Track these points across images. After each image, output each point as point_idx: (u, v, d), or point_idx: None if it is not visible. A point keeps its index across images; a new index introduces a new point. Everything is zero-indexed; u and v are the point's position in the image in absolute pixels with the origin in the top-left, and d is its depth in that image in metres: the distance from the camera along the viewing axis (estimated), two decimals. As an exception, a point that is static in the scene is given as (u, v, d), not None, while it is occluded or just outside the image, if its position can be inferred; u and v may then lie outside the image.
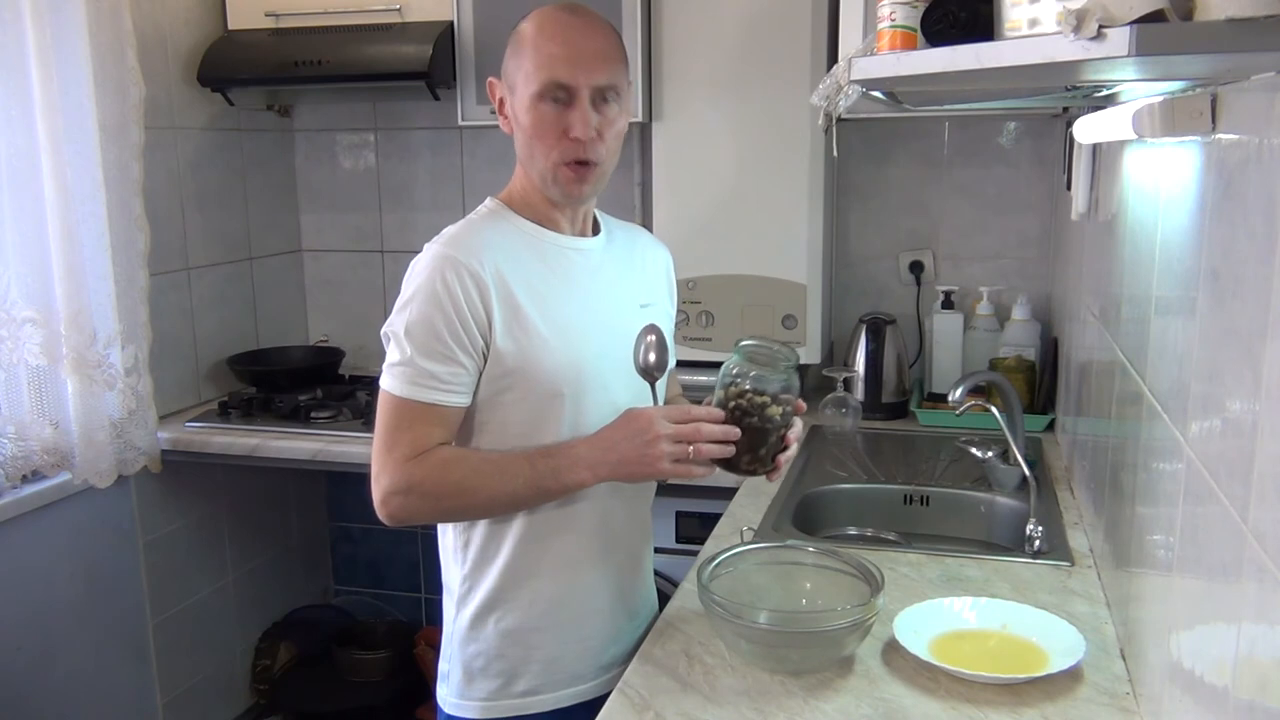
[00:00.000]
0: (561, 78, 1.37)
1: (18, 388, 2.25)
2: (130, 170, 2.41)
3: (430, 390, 1.36)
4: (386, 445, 1.38)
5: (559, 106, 1.38)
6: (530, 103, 1.39)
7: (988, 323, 2.64)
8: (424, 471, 1.37)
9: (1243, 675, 0.86)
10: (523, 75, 1.39)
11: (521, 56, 1.40)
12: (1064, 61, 0.79)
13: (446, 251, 1.39)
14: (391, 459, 1.37)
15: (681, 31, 2.49)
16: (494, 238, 1.43)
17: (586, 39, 1.40)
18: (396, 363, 1.38)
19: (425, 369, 1.36)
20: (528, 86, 1.38)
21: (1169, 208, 1.24)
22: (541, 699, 1.50)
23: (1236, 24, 0.69)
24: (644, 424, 1.36)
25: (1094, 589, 1.61)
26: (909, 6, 1.07)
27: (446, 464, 1.39)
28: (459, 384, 1.38)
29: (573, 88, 1.38)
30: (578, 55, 1.38)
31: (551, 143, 1.40)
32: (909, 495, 2.10)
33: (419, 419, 1.37)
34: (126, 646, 2.57)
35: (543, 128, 1.39)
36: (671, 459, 1.35)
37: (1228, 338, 0.93)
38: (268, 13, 2.76)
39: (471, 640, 1.50)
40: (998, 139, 2.72)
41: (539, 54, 1.38)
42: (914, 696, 1.29)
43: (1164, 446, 1.17)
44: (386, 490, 1.37)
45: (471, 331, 1.37)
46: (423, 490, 1.37)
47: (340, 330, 3.23)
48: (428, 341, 1.36)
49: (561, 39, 1.38)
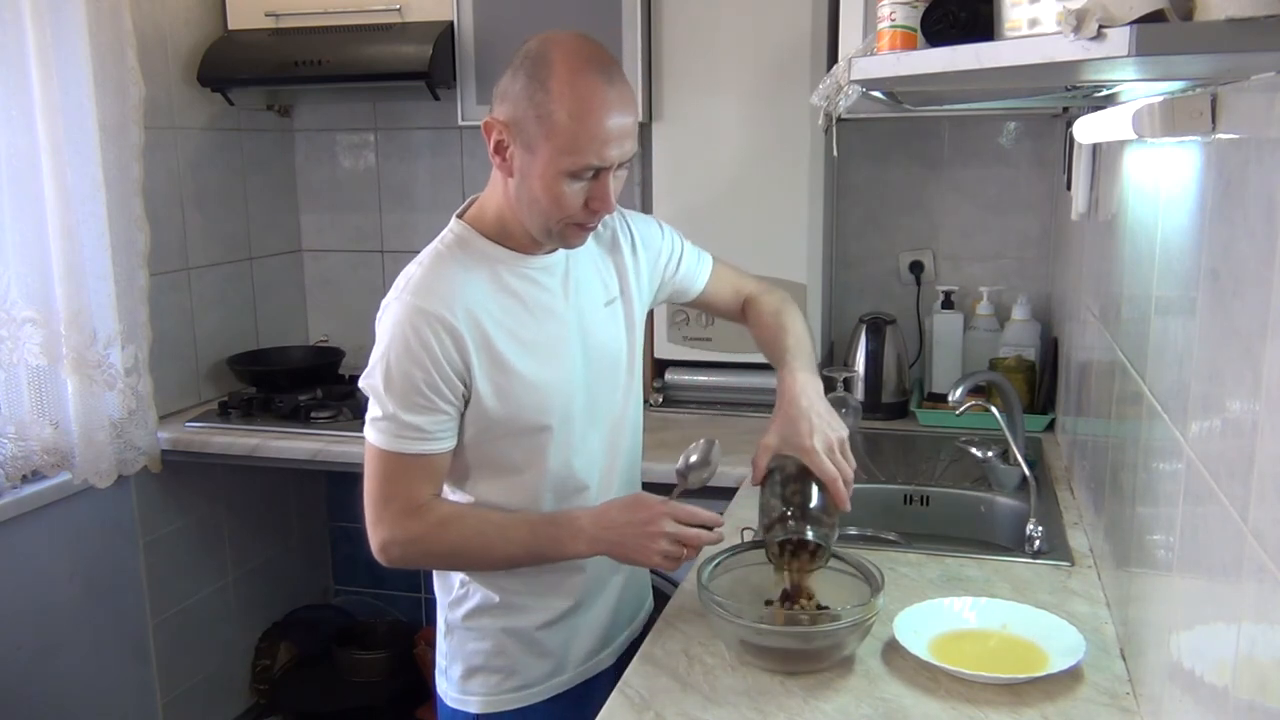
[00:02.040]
0: (601, 160, 1.30)
1: (18, 388, 2.25)
2: (130, 170, 2.41)
3: (415, 442, 1.36)
4: (382, 497, 1.39)
5: (583, 181, 1.32)
6: (557, 176, 1.30)
7: (988, 323, 2.64)
8: (422, 529, 1.39)
9: (1243, 675, 0.86)
10: (551, 147, 1.29)
11: (551, 124, 1.28)
12: (1064, 61, 0.79)
13: (417, 303, 1.35)
14: (388, 512, 1.39)
15: (681, 31, 2.49)
16: (461, 276, 1.39)
17: (622, 114, 1.31)
18: (379, 418, 1.37)
19: (408, 422, 1.35)
20: (557, 161, 1.29)
21: (1169, 208, 1.24)
22: (539, 689, 1.51)
23: (1236, 24, 0.69)
24: (649, 516, 1.36)
25: (1094, 589, 1.61)
26: (909, 6, 1.07)
27: (444, 523, 1.40)
28: (443, 430, 1.38)
29: (605, 169, 1.32)
30: (615, 136, 1.30)
31: (569, 212, 1.34)
32: (909, 495, 2.10)
33: (408, 471, 1.38)
34: (126, 646, 2.57)
35: (567, 200, 1.33)
36: (663, 555, 1.35)
37: (1228, 337, 0.93)
38: (268, 13, 2.76)
39: (470, 637, 1.51)
40: (998, 139, 2.72)
41: (584, 135, 1.28)
42: (914, 696, 1.29)
43: (1164, 446, 1.17)
44: (385, 541, 1.40)
45: (451, 381, 1.36)
46: (420, 547, 1.41)
47: (340, 330, 3.22)
48: (407, 395, 1.35)
49: (601, 119, 1.28)
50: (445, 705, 1.55)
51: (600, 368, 1.49)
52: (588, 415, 1.47)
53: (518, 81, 1.31)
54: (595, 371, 1.48)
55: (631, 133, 1.34)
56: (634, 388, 1.57)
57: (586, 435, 1.47)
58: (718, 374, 2.65)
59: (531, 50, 1.32)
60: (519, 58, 1.33)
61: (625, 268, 1.56)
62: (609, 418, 1.52)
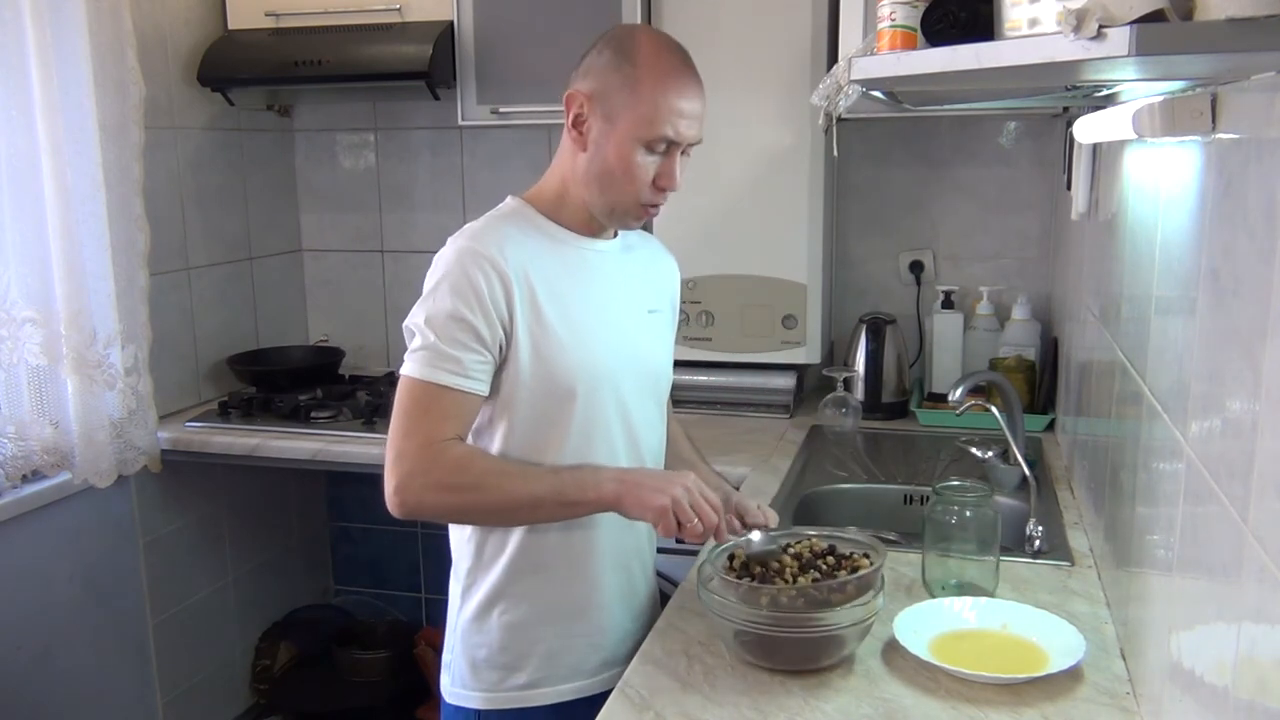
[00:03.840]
0: (677, 135, 1.40)
1: (18, 387, 2.25)
2: (130, 170, 2.41)
3: (450, 375, 1.36)
4: (403, 431, 1.37)
5: (655, 155, 1.41)
6: (633, 146, 1.40)
7: (988, 322, 2.64)
8: (442, 461, 1.36)
9: (1243, 675, 0.86)
10: (634, 116, 1.39)
11: (637, 94, 1.38)
12: (1064, 61, 0.79)
13: (471, 245, 1.40)
14: (409, 445, 1.36)
15: (681, 31, 2.46)
16: (516, 235, 1.44)
17: (698, 96, 1.43)
18: (417, 348, 1.38)
19: (447, 353, 1.36)
20: (638, 130, 1.39)
21: (1169, 207, 1.24)
22: (543, 692, 1.51)
23: (1237, 24, 0.69)
24: (678, 476, 1.39)
25: (1094, 589, 1.61)
26: (909, 6, 1.07)
27: (466, 457, 1.39)
28: (479, 372, 1.38)
29: (679, 143, 1.42)
30: (690, 114, 1.41)
31: (639, 186, 1.42)
32: (909, 495, 2.10)
33: (436, 404, 1.37)
34: (126, 646, 2.57)
35: (638, 172, 1.41)
36: (673, 502, 1.34)
37: (1228, 337, 0.93)
38: (268, 12, 2.76)
39: (475, 631, 1.51)
40: (998, 139, 2.72)
41: (665, 106, 1.38)
42: (914, 696, 1.29)
43: (1164, 446, 1.17)
44: (402, 477, 1.36)
45: (493, 323, 1.38)
46: (439, 480, 1.36)
47: (340, 330, 3.23)
48: (450, 329, 1.36)
49: (685, 95, 1.40)
50: (448, 705, 1.55)
51: (633, 367, 1.52)
52: (611, 395, 1.48)
53: (603, 57, 1.42)
54: (626, 362, 1.50)
55: (701, 118, 1.44)
56: (665, 405, 1.62)
57: (605, 415, 1.48)
58: (718, 374, 2.65)
59: (617, 33, 1.45)
60: (603, 40, 1.44)
61: (668, 293, 1.65)
62: (631, 409, 1.52)
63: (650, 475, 1.42)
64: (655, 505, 1.34)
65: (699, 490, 1.37)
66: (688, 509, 1.34)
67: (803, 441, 2.41)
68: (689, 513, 1.34)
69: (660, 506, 1.34)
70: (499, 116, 2.58)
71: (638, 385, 1.53)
